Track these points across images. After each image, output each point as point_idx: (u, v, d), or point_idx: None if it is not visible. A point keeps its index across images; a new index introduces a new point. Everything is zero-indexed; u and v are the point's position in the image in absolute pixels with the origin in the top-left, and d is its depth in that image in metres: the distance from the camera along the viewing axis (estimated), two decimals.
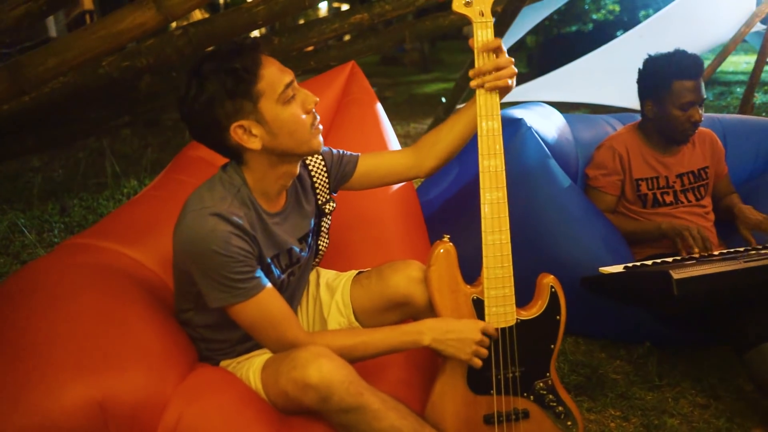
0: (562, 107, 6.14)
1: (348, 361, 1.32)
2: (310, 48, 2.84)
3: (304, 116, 1.31)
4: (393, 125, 6.11)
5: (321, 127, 1.37)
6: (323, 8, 15.63)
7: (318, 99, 1.34)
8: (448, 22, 3.01)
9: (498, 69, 1.38)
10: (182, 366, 1.33)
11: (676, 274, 1.57)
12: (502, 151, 1.41)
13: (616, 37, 8.67)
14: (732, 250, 2.00)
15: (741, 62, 9.62)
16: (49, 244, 3.07)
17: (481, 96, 1.40)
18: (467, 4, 1.38)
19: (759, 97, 6.38)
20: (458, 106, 4.71)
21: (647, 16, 8.71)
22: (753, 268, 1.62)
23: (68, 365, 1.17)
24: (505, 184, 1.42)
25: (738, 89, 7.08)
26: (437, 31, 3.07)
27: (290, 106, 1.29)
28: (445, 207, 2.34)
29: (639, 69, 2.25)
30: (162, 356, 1.29)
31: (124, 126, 2.73)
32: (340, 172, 1.58)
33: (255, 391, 1.37)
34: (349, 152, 1.60)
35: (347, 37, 2.90)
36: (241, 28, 2.27)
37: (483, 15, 1.38)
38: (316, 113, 1.36)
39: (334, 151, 1.59)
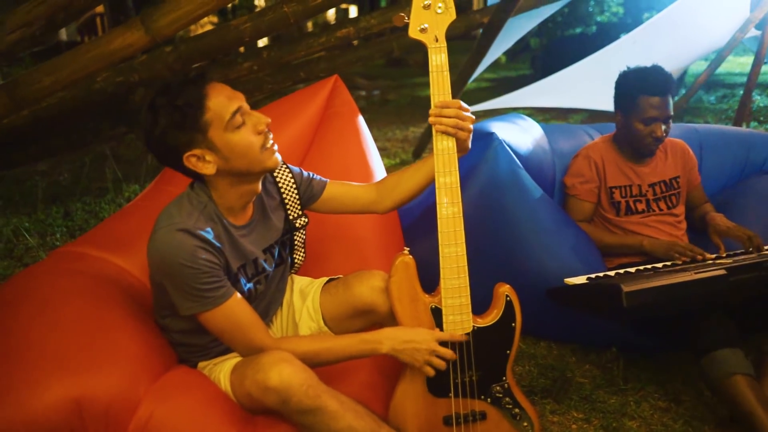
0: (560, 113, 6.16)
1: (313, 365, 1.42)
2: (321, 53, 2.86)
3: (255, 138, 1.40)
4: (393, 129, 6.17)
5: (276, 146, 1.46)
6: (331, 13, 15.62)
7: (269, 120, 1.43)
8: None
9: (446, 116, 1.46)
10: (156, 368, 1.43)
11: (626, 287, 1.65)
12: (457, 168, 1.50)
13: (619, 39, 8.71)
14: (700, 258, 2.07)
15: (747, 64, 9.56)
16: (51, 247, 3.20)
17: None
18: (422, 31, 1.46)
19: (759, 100, 6.39)
20: None
21: (650, 18, 8.72)
22: (701, 280, 1.70)
23: (50, 367, 1.29)
24: (460, 200, 1.50)
25: (741, 92, 7.08)
26: None
27: (240, 132, 1.38)
28: (425, 216, 2.43)
29: (615, 81, 2.33)
30: (137, 359, 1.39)
31: (121, 135, 2.85)
32: (308, 193, 1.68)
33: (224, 393, 1.47)
34: (319, 176, 1.71)
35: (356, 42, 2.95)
36: (229, 44, 2.38)
37: (437, 40, 1.47)
38: (269, 133, 1.44)
39: (305, 173, 1.69)
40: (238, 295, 1.44)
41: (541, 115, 6.39)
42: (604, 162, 2.32)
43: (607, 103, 5.03)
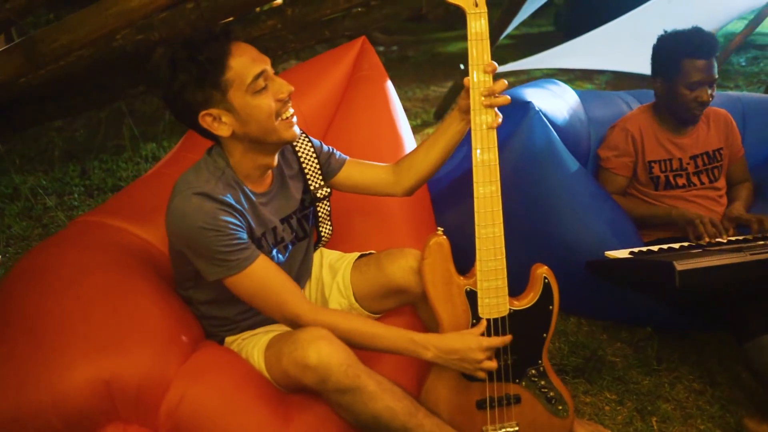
0: (584, 74, 5.95)
1: (350, 346, 1.36)
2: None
3: (274, 105, 1.34)
4: (413, 87, 6.01)
5: (295, 118, 1.40)
6: None
7: (293, 88, 1.36)
8: None
9: (491, 93, 1.37)
10: (185, 345, 1.39)
11: (680, 266, 1.56)
12: (496, 145, 1.40)
13: None
14: (741, 237, 1.99)
15: None
16: (69, 207, 3.16)
17: (474, 90, 1.39)
18: None
19: None
20: None
21: None
22: (757, 261, 1.61)
23: (78, 346, 1.25)
24: (498, 178, 1.42)
25: None
26: None
27: (260, 96, 1.32)
28: (453, 186, 2.35)
29: (653, 46, 2.21)
30: (166, 336, 1.35)
31: (140, 94, 2.78)
32: (327, 167, 1.62)
33: (257, 370, 1.43)
34: (339, 153, 1.64)
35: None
36: (254, 0, 2.27)
37: (477, 5, 1.36)
38: (288, 102, 1.37)
39: (325, 147, 1.62)
40: (264, 257, 1.38)
41: (564, 75, 6.20)
42: (643, 135, 2.21)
43: (635, 65, 4.89)
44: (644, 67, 4.74)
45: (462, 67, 4.76)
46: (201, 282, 1.43)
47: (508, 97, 1.39)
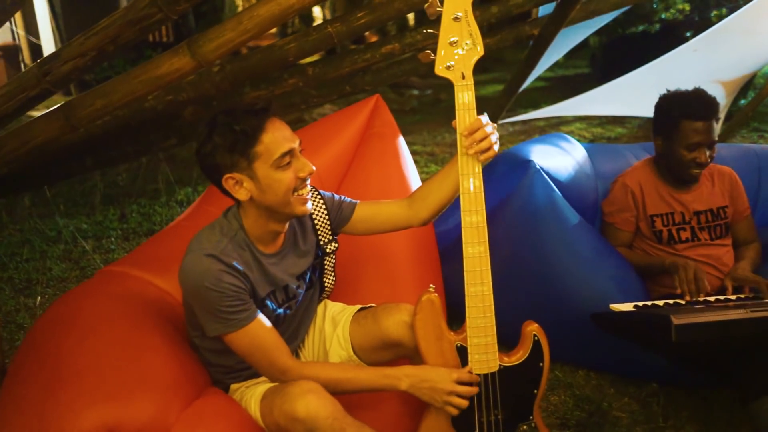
0: (616, 119, 5.97)
1: (334, 393, 1.47)
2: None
3: (293, 181, 1.46)
4: (442, 132, 6.09)
5: (309, 195, 1.53)
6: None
7: (313, 169, 1.49)
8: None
9: (478, 140, 1.45)
10: (189, 393, 1.49)
11: (677, 320, 1.59)
12: (484, 208, 1.48)
13: (686, 38, 8.35)
14: (746, 295, 1.99)
15: None
16: (106, 250, 3.35)
17: (462, 156, 1.48)
18: (448, 68, 1.45)
19: None
20: (500, 122, 4.72)
21: (719, 16, 8.33)
22: (758, 319, 1.62)
23: (87, 394, 1.36)
24: (486, 239, 1.49)
25: None
26: None
27: (283, 171, 1.45)
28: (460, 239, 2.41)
29: (655, 104, 2.25)
30: (170, 384, 1.45)
31: (171, 147, 2.97)
32: (339, 216, 1.71)
33: (254, 419, 1.52)
34: (349, 199, 1.74)
35: None
36: (274, 63, 2.42)
37: (464, 78, 1.46)
38: (307, 181, 1.51)
39: (336, 197, 1.73)
40: (262, 317, 1.50)
41: (596, 119, 6.23)
42: (643, 189, 2.24)
43: None
44: None
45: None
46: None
47: (495, 151, 1.47)
